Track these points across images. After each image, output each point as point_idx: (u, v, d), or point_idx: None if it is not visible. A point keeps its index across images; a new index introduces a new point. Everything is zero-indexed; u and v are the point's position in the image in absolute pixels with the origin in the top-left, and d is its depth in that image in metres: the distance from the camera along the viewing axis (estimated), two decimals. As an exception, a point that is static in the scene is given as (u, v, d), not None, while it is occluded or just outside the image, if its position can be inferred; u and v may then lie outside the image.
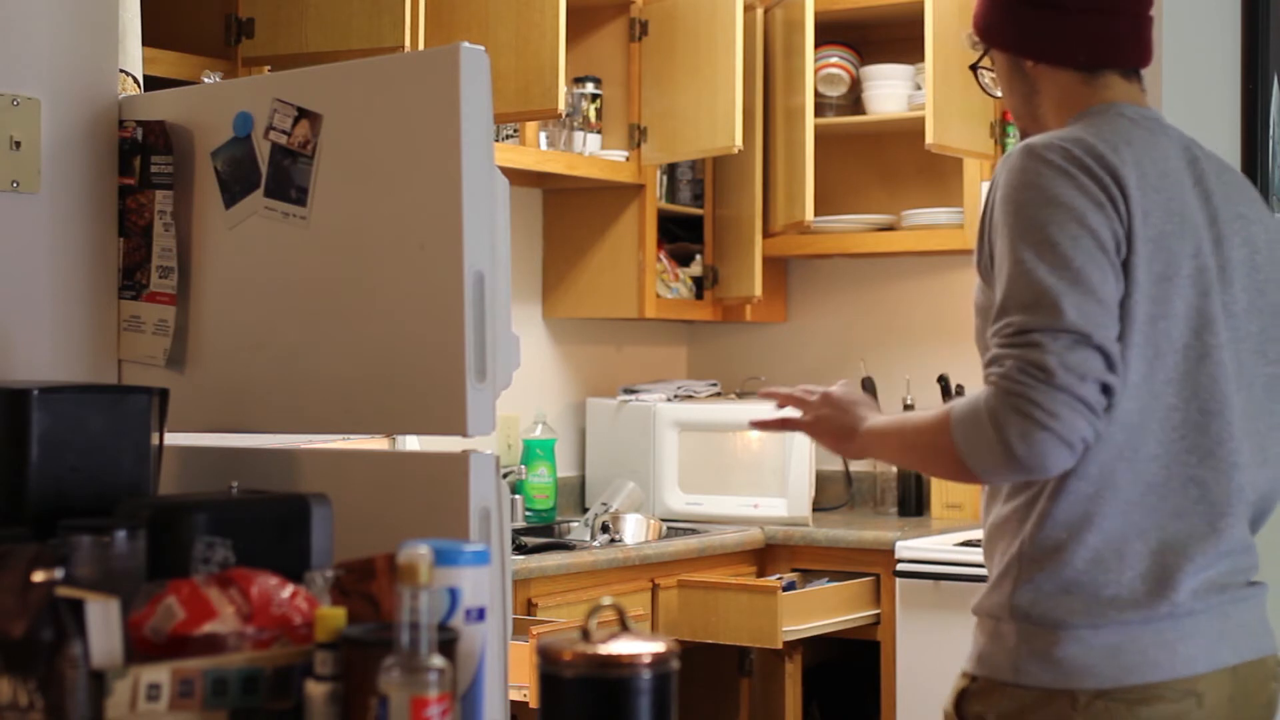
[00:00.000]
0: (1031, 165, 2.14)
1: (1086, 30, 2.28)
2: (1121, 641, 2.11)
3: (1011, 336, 2.06)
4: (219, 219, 2.33)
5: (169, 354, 2.36)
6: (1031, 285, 2.06)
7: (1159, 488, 2.14)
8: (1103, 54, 2.29)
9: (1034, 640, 2.13)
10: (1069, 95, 2.30)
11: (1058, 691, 2.10)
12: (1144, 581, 2.12)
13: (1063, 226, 2.08)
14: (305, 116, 2.24)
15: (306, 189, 2.24)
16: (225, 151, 2.32)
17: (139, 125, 2.39)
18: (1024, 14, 2.30)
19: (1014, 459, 2.03)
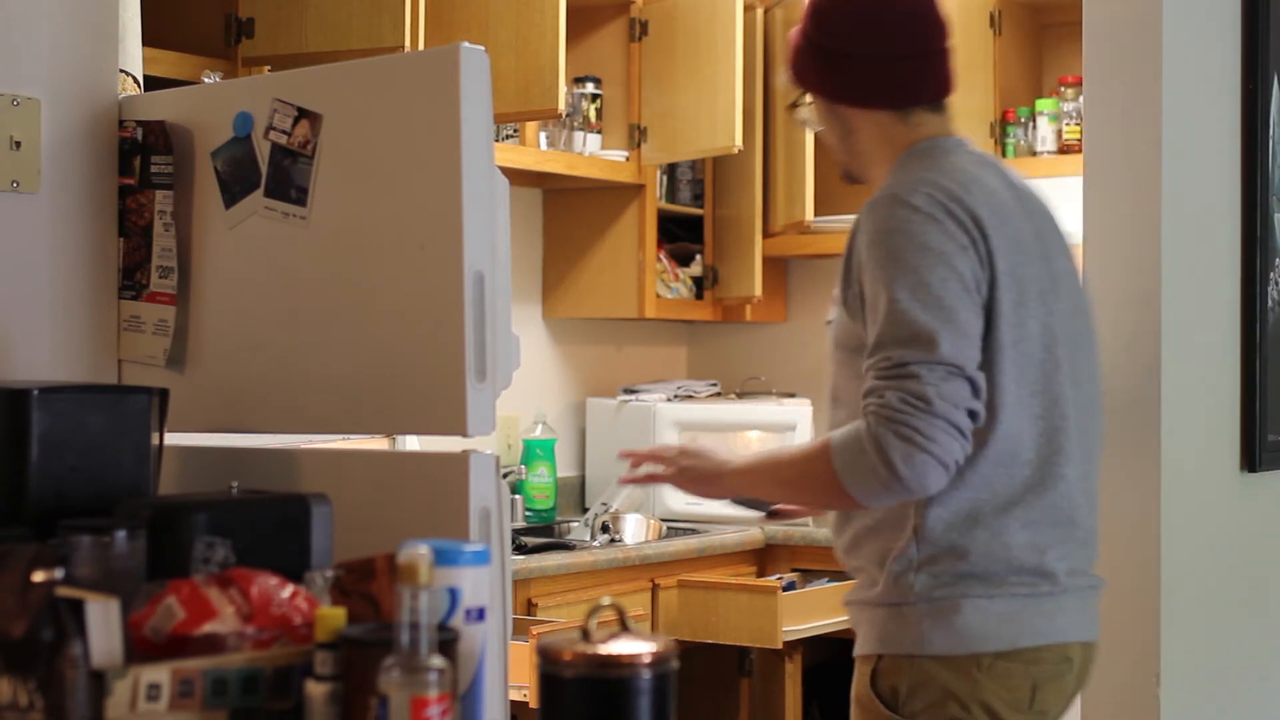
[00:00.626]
0: (901, 213, 2.33)
1: (886, 75, 2.47)
2: (1011, 611, 2.36)
3: (890, 369, 2.27)
4: (219, 219, 2.33)
5: (169, 354, 2.36)
6: (908, 323, 2.27)
7: (1035, 487, 2.37)
8: (906, 95, 2.48)
9: (937, 616, 2.35)
10: (886, 133, 2.49)
11: (962, 656, 2.34)
12: (1028, 563, 2.36)
13: (933, 270, 2.29)
14: (305, 116, 2.24)
15: (306, 189, 2.24)
16: (225, 151, 2.32)
17: (139, 125, 2.39)
18: (828, 63, 2.48)
19: (897, 480, 2.24)
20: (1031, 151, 4.83)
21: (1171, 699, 2.91)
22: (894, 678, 2.36)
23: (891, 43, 2.47)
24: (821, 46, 2.48)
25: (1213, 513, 3.13)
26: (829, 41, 2.47)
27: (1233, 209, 3.20)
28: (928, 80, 2.49)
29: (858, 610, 2.45)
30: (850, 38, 2.47)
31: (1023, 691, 2.36)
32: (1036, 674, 2.36)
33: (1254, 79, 3.20)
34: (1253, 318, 3.20)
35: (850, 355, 2.41)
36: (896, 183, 2.39)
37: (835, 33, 2.47)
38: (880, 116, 2.48)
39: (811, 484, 2.37)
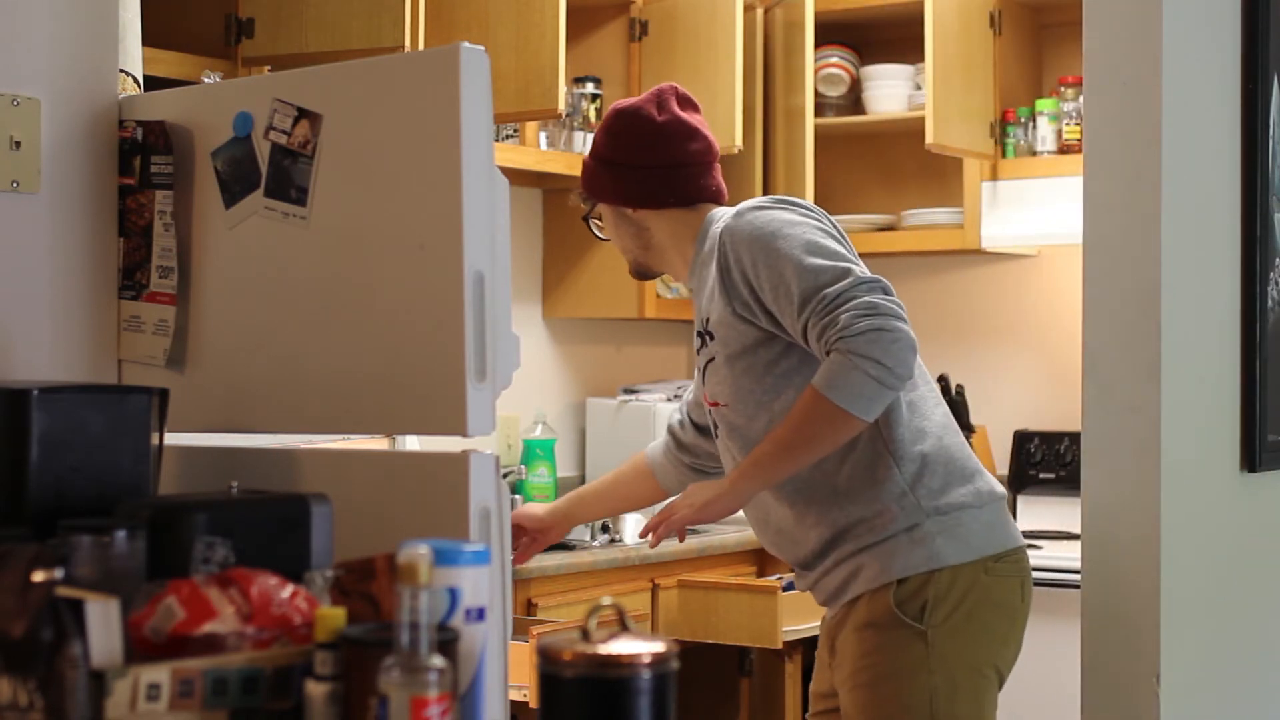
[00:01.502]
0: (760, 215, 2.74)
1: (672, 179, 2.86)
2: (992, 519, 2.76)
3: (830, 303, 2.60)
4: (219, 219, 2.33)
5: (169, 354, 2.36)
6: (819, 269, 2.63)
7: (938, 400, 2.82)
8: (691, 194, 2.88)
9: (945, 530, 2.70)
10: (678, 225, 2.88)
11: (970, 563, 2.71)
12: (978, 473, 2.78)
13: (810, 231, 2.70)
14: (305, 116, 2.24)
15: (306, 189, 2.24)
16: (225, 151, 2.32)
17: (139, 125, 2.39)
18: (618, 174, 2.87)
19: (889, 372, 2.56)
20: (1031, 151, 4.83)
21: (1171, 699, 2.91)
22: (919, 595, 2.68)
23: (669, 154, 2.85)
24: (611, 160, 2.87)
25: (1213, 513, 3.12)
26: (618, 155, 2.86)
27: (1233, 209, 3.20)
28: (707, 183, 2.89)
29: (861, 556, 2.73)
30: (634, 152, 2.85)
31: (1016, 588, 2.77)
32: (1020, 572, 2.78)
33: (1254, 79, 3.20)
34: (1253, 318, 3.20)
35: (749, 355, 2.74)
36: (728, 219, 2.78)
37: (622, 148, 2.86)
38: (670, 214, 2.88)
39: (816, 429, 2.62)
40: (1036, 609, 4.25)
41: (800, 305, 2.63)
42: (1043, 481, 4.90)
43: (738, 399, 2.77)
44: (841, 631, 2.76)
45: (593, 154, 2.92)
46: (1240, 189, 3.21)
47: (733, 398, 2.78)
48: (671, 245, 2.89)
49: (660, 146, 2.85)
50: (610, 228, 2.95)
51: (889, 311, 2.57)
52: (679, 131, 2.86)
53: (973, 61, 4.76)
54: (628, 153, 2.86)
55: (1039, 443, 4.93)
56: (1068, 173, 4.56)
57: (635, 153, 2.86)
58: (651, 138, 2.85)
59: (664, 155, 2.85)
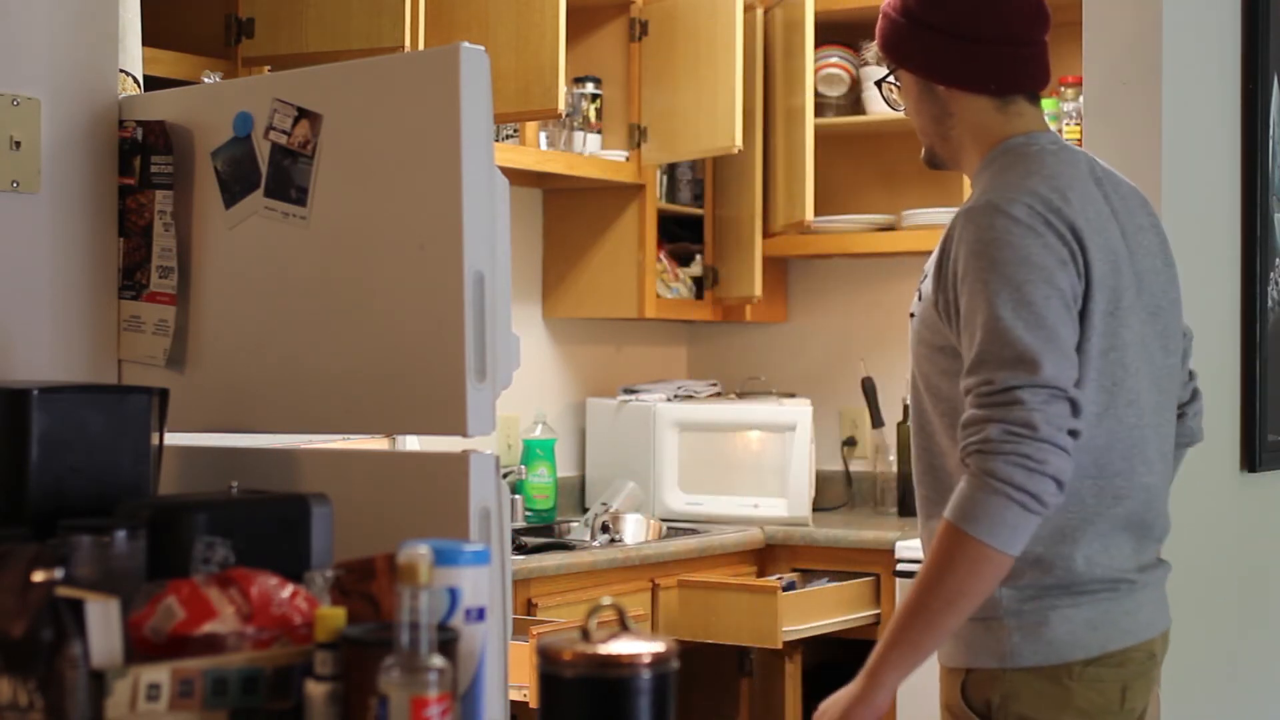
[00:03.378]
0: (1001, 223, 2.30)
1: (997, 58, 2.43)
2: (1096, 617, 2.36)
3: (992, 395, 2.24)
4: (219, 219, 2.33)
5: (169, 354, 2.36)
6: (1011, 342, 2.24)
7: (1120, 498, 2.38)
8: (1013, 81, 2.45)
9: (1025, 629, 2.35)
10: (984, 122, 2.46)
11: (1053, 666, 2.34)
12: (1108, 571, 2.38)
13: (1036, 286, 2.26)
14: (305, 116, 2.24)
15: (306, 189, 2.24)
16: (225, 151, 2.32)
17: (139, 125, 2.39)
18: (935, 41, 2.44)
19: (1031, 498, 2.20)
20: (1031, 151, 4.82)
21: (1171, 699, 2.91)
22: (986, 690, 2.37)
23: (1004, 27, 2.43)
24: (928, 23, 2.44)
25: (1213, 513, 3.13)
26: (938, 18, 2.43)
27: (1233, 209, 3.20)
28: (1032, 69, 2.47)
29: None
30: (962, 17, 2.43)
31: (1114, 694, 2.38)
32: (1125, 675, 2.38)
33: (1254, 79, 3.20)
34: (1253, 318, 3.20)
35: (935, 352, 2.40)
36: (995, 189, 2.37)
37: (949, 10, 2.43)
38: (980, 102, 2.45)
39: (957, 577, 2.25)
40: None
41: (972, 365, 2.28)
42: (1043, 481, 4.89)
43: (916, 366, 2.46)
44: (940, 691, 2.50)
45: (901, 10, 2.47)
46: (1240, 189, 3.21)
47: (914, 365, 2.47)
48: (969, 146, 2.47)
49: (995, 12, 2.42)
50: (911, 101, 2.51)
51: (1045, 439, 2.20)
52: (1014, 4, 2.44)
53: (973, 61, 4.76)
54: (952, 14, 2.42)
55: (1039, 443, 4.92)
56: (1068, 173, 4.55)
57: (962, 16, 2.42)
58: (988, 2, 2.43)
59: (997, 25, 2.42)
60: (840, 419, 5.18)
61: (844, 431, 5.17)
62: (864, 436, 5.13)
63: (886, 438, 5.01)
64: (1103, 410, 2.34)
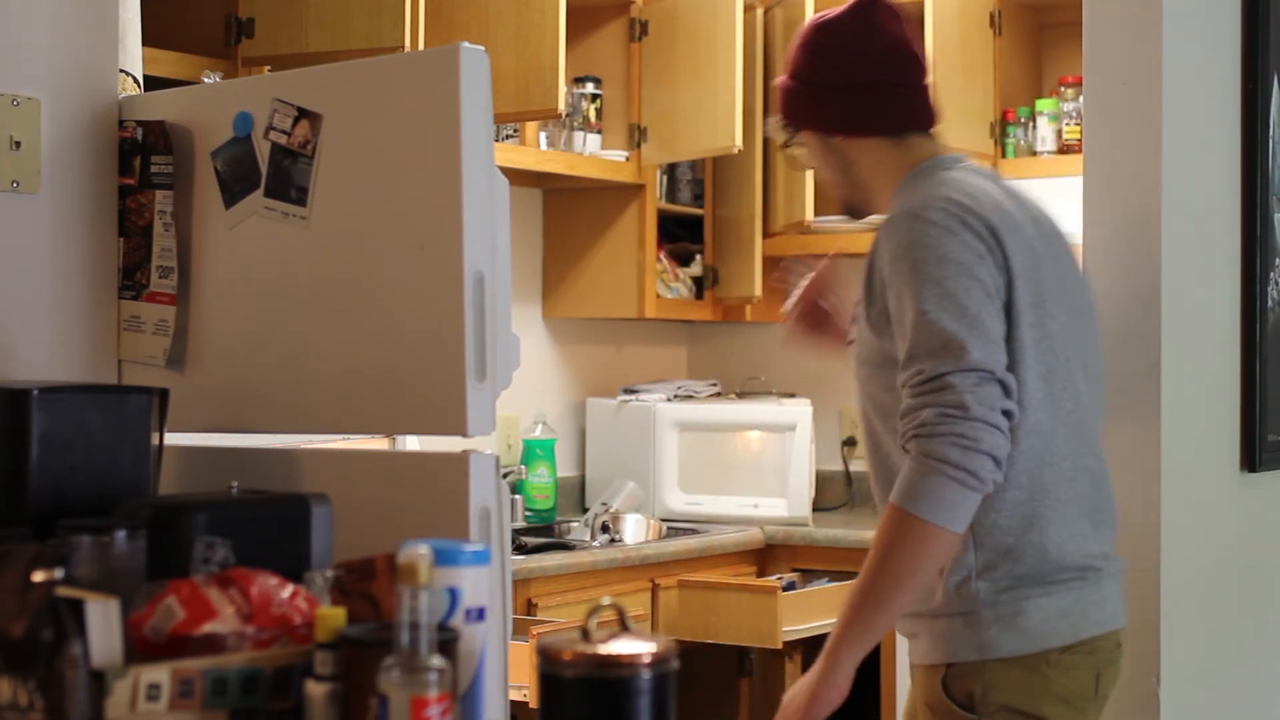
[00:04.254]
0: (919, 227, 2.43)
1: (882, 101, 2.59)
2: (1068, 605, 2.46)
3: (924, 383, 2.35)
4: (219, 219, 2.33)
5: (169, 354, 2.37)
6: (937, 333, 2.36)
7: (1074, 481, 2.48)
8: (901, 120, 2.61)
9: (1002, 620, 2.44)
10: (885, 160, 2.61)
11: (1031, 655, 2.44)
12: (1074, 558, 2.47)
13: (956, 280, 2.38)
14: (305, 116, 2.24)
15: (306, 189, 2.24)
16: (225, 151, 2.32)
17: (139, 125, 2.39)
18: (823, 97, 2.60)
19: (969, 478, 2.31)
20: (1031, 151, 4.83)
21: (1171, 699, 2.91)
22: (968, 683, 2.45)
23: (880, 73, 2.59)
24: (814, 82, 2.60)
25: (1213, 512, 3.13)
26: (822, 76, 2.60)
27: (1233, 209, 3.20)
28: (918, 107, 2.63)
29: (915, 622, 2.51)
30: (840, 70, 2.59)
31: (1089, 681, 2.48)
32: (1098, 663, 2.49)
33: (1254, 79, 3.20)
34: (1253, 318, 3.20)
35: (877, 370, 2.51)
36: (908, 201, 2.49)
37: (828, 67, 2.59)
38: (877, 144, 2.61)
39: (905, 556, 2.35)
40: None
41: (905, 360, 2.39)
42: (1043, 481, 4.89)
43: (862, 391, 2.57)
44: (910, 690, 2.58)
45: (793, 76, 2.64)
46: (1240, 189, 3.21)
47: (860, 391, 2.58)
48: (877, 181, 2.62)
49: (868, 63, 2.58)
50: (816, 158, 2.67)
51: (977, 418, 2.31)
52: (888, 47, 2.59)
53: (973, 61, 4.76)
54: (832, 71, 2.59)
55: (1039, 443, 4.93)
56: (1068, 173, 4.55)
57: (840, 71, 2.58)
58: (859, 54, 2.58)
59: (872, 73, 2.58)
60: (840, 419, 5.18)
61: (844, 431, 5.17)
62: (864, 436, 5.12)
63: (886, 438, 5.00)
64: (1044, 396, 2.44)
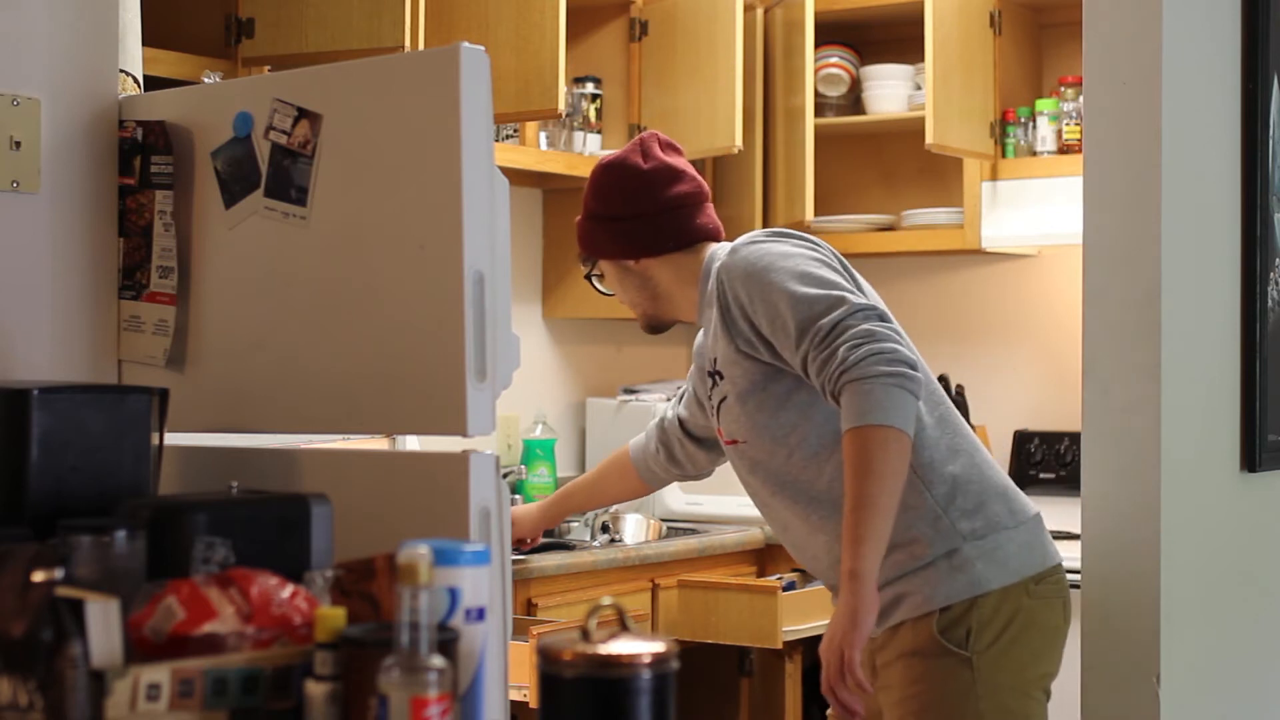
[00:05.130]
0: (756, 250, 2.70)
1: (670, 223, 2.85)
2: (1029, 538, 2.71)
3: (826, 336, 2.56)
4: (219, 219, 2.33)
5: (169, 354, 2.37)
6: (812, 299, 2.60)
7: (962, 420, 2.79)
8: (689, 234, 2.86)
9: (984, 554, 2.65)
10: (680, 270, 2.88)
11: (1012, 586, 2.66)
12: (1011, 491, 2.75)
13: (804, 262, 2.66)
14: (305, 116, 2.24)
15: (306, 189, 2.24)
16: (225, 151, 2.32)
17: (139, 125, 2.39)
18: (614, 228, 2.87)
19: (903, 381, 2.50)
20: (1031, 151, 4.83)
21: (1171, 699, 2.91)
22: (963, 622, 2.64)
23: (662, 198, 2.84)
24: (603, 217, 2.87)
25: (1213, 513, 3.13)
26: (609, 210, 2.86)
27: (1233, 209, 3.20)
28: (705, 221, 2.87)
29: (904, 582, 2.67)
30: (624, 203, 2.85)
31: (1059, 610, 2.72)
32: (1062, 591, 2.73)
33: (1254, 79, 3.20)
34: (1253, 318, 3.20)
35: (763, 388, 2.71)
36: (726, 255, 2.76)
37: (613, 201, 2.86)
38: (670, 259, 2.87)
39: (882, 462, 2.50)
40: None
41: (797, 337, 2.60)
42: (1043, 481, 4.90)
43: (755, 435, 2.75)
44: (883, 654, 2.73)
45: (585, 214, 2.93)
46: (1240, 189, 3.21)
47: (750, 434, 2.75)
48: (678, 290, 2.90)
49: (650, 193, 2.85)
50: (615, 284, 2.96)
51: (885, 336, 2.54)
52: (666, 176, 2.86)
53: (973, 61, 4.76)
54: (619, 205, 2.86)
55: (1039, 443, 4.93)
56: (1068, 173, 4.55)
57: (626, 204, 2.86)
58: (640, 186, 2.85)
59: (655, 201, 2.84)
60: (840, 419, 5.17)
61: (844, 431, 5.17)
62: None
63: (886, 438, 5.00)
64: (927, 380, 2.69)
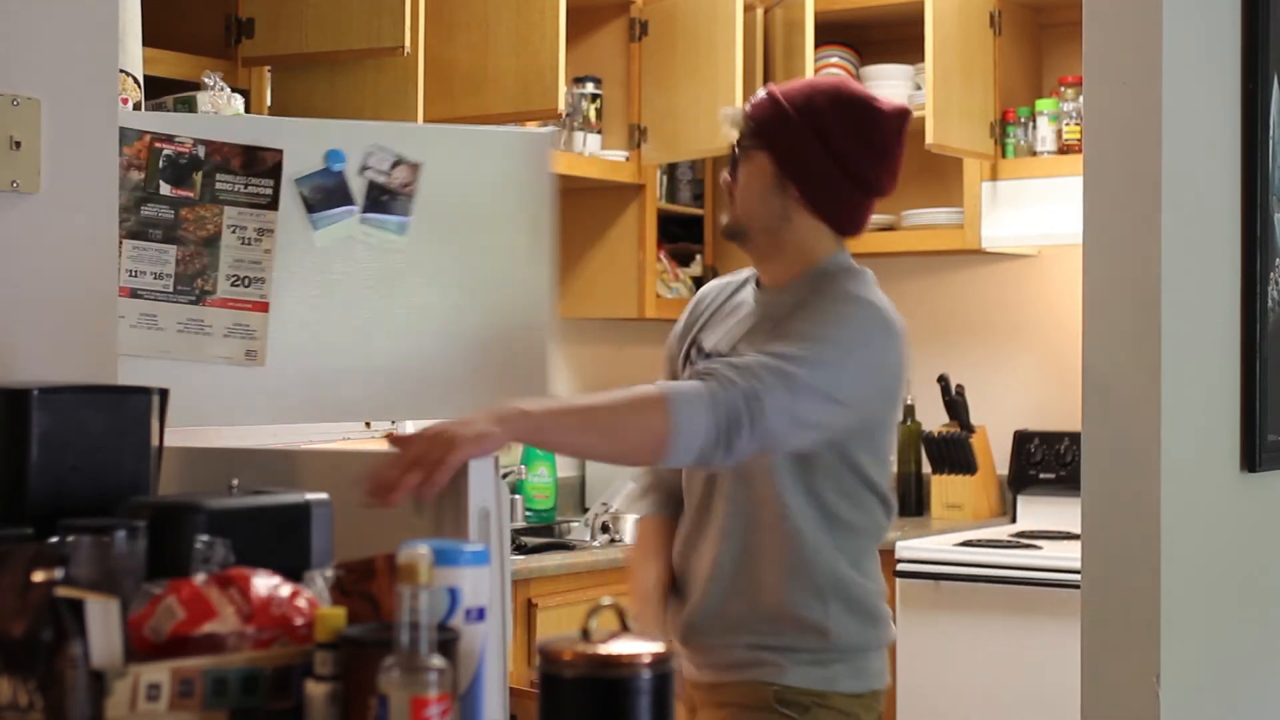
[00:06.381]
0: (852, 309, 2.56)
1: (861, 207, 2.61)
2: (881, 657, 2.70)
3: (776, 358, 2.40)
4: (303, 237, 2.53)
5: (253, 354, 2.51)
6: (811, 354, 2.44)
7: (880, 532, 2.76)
8: (856, 228, 2.64)
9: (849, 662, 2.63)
10: (810, 234, 2.60)
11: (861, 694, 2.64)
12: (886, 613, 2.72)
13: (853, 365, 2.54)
14: (403, 163, 2.37)
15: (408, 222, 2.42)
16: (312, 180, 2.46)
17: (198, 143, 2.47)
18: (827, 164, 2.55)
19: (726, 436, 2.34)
20: (1031, 151, 4.83)
21: (1171, 699, 2.91)
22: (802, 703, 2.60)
23: (881, 181, 2.59)
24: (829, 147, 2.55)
25: (1213, 513, 3.12)
26: (839, 147, 2.55)
27: (1233, 209, 3.20)
28: (868, 219, 2.66)
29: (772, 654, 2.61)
30: (861, 160, 2.57)
31: None
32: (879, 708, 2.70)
33: (1254, 79, 3.20)
34: (1253, 318, 3.20)
35: None
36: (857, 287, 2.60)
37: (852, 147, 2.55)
38: (818, 223, 2.60)
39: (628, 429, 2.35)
40: (1035, 609, 4.26)
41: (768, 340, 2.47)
42: (1043, 481, 4.90)
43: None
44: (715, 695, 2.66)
45: (805, 115, 2.56)
46: (1240, 189, 3.21)
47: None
48: (788, 243, 2.61)
49: (880, 168, 2.58)
50: (752, 181, 2.61)
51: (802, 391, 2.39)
52: (897, 163, 2.61)
53: (973, 61, 4.76)
54: (851, 150, 2.56)
55: (1039, 443, 4.93)
56: (1068, 173, 4.56)
57: (858, 156, 2.56)
58: (879, 155, 2.58)
59: (877, 177, 2.58)
60: (840, 419, 5.17)
61: (844, 431, 5.17)
62: None
63: (886, 438, 5.00)
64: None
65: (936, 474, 4.96)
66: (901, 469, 4.96)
